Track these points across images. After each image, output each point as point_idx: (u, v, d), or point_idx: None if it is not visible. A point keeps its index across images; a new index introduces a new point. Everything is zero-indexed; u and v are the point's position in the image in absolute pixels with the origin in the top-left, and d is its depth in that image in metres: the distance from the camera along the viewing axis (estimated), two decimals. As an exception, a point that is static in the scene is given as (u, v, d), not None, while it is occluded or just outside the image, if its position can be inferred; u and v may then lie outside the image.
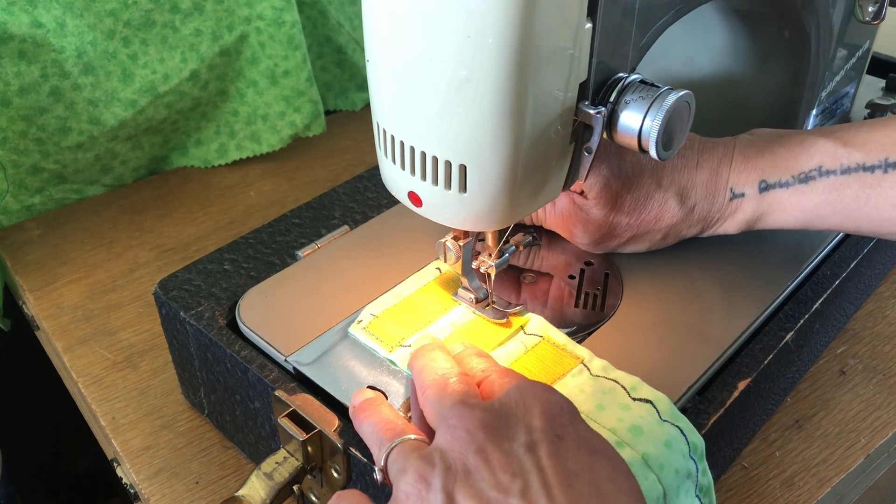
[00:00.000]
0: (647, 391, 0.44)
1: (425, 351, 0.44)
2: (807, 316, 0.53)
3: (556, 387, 0.45)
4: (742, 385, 0.48)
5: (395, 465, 0.37)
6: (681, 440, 0.42)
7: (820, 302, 0.54)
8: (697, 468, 0.42)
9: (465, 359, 0.43)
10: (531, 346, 0.48)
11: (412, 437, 0.39)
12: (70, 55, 0.70)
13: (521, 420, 0.36)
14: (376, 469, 0.39)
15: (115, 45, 0.73)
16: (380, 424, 0.41)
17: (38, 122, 0.72)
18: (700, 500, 0.42)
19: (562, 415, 0.37)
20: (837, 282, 0.56)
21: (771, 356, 0.50)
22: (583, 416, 0.43)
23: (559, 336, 0.49)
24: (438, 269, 0.54)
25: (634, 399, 0.44)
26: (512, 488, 0.33)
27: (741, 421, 0.51)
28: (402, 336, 0.49)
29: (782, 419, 0.58)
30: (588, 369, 0.46)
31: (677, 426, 0.42)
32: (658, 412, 0.43)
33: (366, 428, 0.41)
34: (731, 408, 0.47)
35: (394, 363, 0.48)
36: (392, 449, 0.38)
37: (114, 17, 0.72)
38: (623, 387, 0.44)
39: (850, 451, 0.56)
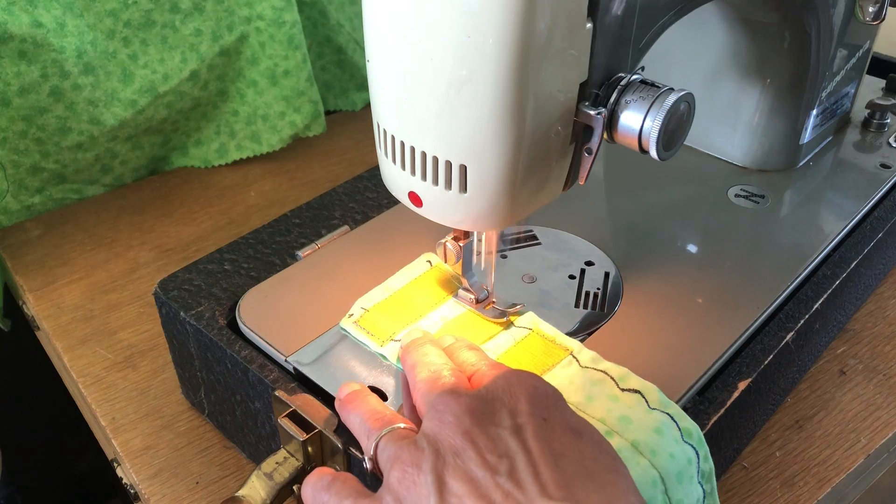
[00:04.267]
0: (635, 381, 0.44)
1: (417, 345, 0.44)
2: (807, 316, 0.53)
3: (546, 378, 0.45)
4: (742, 385, 0.48)
5: (384, 452, 0.38)
6: (671, 426, 0.42)
7: (820, 302, 0.54)
8: (698, 454, 0.42)
9: (456, 352, 0.44)
10: (521, 338, 0.49)
11: (401, 425, 0.39)
12: (70, 55, 0.70)
13: (507, 405, 0.37)
14: (365, 458, 0.39)
15: (115, 45, 0.73)
16: (367, 414, 0.41)
17: (38, 122, 0.72)
18: (702, 486, 0.42)
19: (546, 400, 0.37)
20: (837, 282, 0.55)
21: (771, 356, 0.50)
22: (572, 406, 0.43)
23: (549, 329, 0.49)
24: (429, 261, 0.54)
25: (623, 390, 0.44)
26: (500, 468, 0.34)
27: (741, 421, 0.51)
28: (392, 330, 0.49)
29: (782, 419, 0.58)
30: (577, 361, 0.47)
31: (667, 413, 0.43)
32: (647, 401, 0.43)
33: (353, 418, 0.42)
34: (731, 408, 0.47)
35: (385, 357, 0.48)
36: (381, 437, 0.39)
37: (114, 17, 0.72)
38: (612, 378, 0.45)
39: (851, 451, 0.56)
